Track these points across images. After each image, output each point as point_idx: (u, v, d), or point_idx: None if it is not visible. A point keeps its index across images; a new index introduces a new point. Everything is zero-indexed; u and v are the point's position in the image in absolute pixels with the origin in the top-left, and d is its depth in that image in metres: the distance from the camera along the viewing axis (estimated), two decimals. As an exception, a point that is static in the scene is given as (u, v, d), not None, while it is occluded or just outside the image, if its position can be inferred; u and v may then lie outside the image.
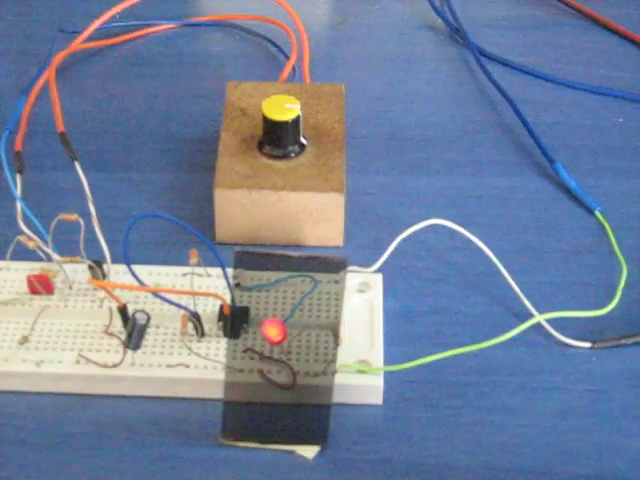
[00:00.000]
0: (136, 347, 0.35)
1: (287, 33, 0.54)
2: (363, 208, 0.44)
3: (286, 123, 0.42)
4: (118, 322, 0.37)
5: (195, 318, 0.36)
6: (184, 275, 0.39)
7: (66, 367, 0.36)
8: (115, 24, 0.56)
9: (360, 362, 0.36)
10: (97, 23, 0.54)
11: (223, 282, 0.35)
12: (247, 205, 0.41)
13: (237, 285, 0.35)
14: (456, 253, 0.42)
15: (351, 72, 0.54)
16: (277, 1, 0.55)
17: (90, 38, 0.54)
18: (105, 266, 0.38)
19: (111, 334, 0.37)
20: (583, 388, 0.37)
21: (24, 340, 0.37)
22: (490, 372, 0.37)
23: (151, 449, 0.34)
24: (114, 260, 0.38)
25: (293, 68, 0.53)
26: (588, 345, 0.38)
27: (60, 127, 0.44)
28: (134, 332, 0.35)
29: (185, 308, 0.36)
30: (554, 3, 0.60)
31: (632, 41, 0.57)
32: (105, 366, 0.36)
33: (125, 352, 0.35)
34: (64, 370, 0.36)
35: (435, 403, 0.36)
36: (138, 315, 0.35)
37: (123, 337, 0.36)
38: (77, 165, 0.41)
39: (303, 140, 0.43)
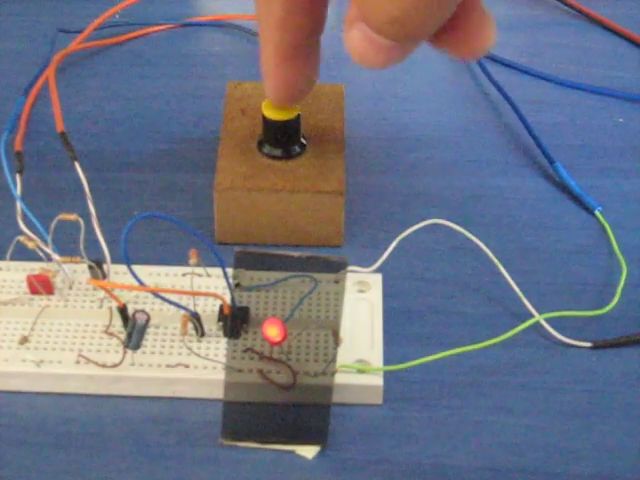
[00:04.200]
0: (136, 347, 0.35)
1: (287, 33, 0.54)
2: (363, 208, 0.44)
3: (286, 123, 0.42)
4: (118, 322, 0.37)
5: (195, 318, 0.36)
6: (184, 275, 0.39)
7: (66, 367, 0.36)
8: (115, 24, 0.56)
9: (360, 362, 0.36)
10: (97, 23, 0.54)
11: (223, 282, 0.35)
12: (247, 205, 0.41)
13: (237, 285, 0.35)
14: (456, 253, 0.42)
15: (351, 72, 0.54)
16: (277, 1, 0.55)
17: (90, 38, 0.54)
18: (105, 266, 0.38)
19: (111, 334, 0.37)
20: (583, 388, 0.37)
21: (24, 340, 0.37)
22: (490, 372, 0.37)
23: (151, 449, 0.34)
24: (114, 260, 0.38)
25: (293, 68, 0.53)
26: (588, 345, 0.38)
27: (60, 127, 0.44)
28: (134, 332, 0.35)
29: (185, 308, 0.36)
30: (554, 3, 0.60)
31: (632, 41, 0.57)
32: (105, 366, 0.36)
33: (125, 352, 0.35)
34: (64, 370, 0.36)
35: (435, 403, 0.36)
36: (138, 315, 0.35)
37: (123, 337, 0.36)
38: (77, 165, 0.41)
39: (303, 140, 0.43)
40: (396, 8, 0.27)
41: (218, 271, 0.35)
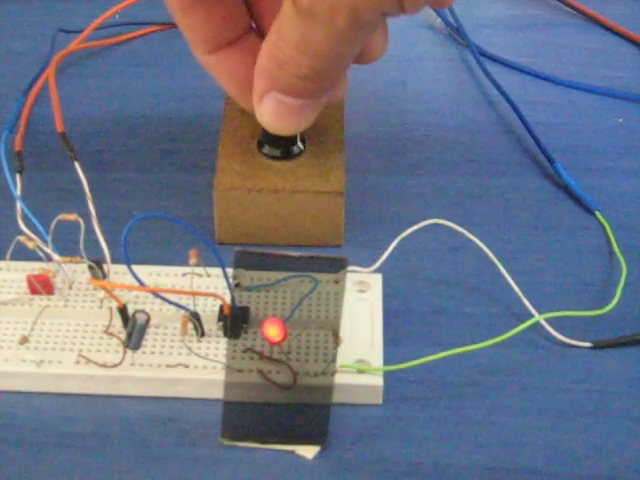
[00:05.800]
0: (136, 347, 0.35)
1: (287, 33, 0.54)
2: (363, 208, 0.44)
3: (286, 123, 0.42)
4: (118, 322, 0.37)
5: (195, 318, 0.36)
6: (184, 275, 0.39)
7: (66, 367, 0.36)
8: (115, 24, 0.56)
9: (360, 362, 0.36)
10: (97, 23, 0.54)
11: (223, 282, 0.35)
12: (247, 205, 0.41)
13: (237, 285, 0.35)
14: (456, 253, 0.42)
15: (351, 72, 0.54)
16: (277, 1, 0.55)
17: (90, 38, 0.54)
18: (105, 266, 0.38)
19: (111, 334, 0.37)
20: (583, 388, 0.37)
21: (24, 340, 0.37)
22: (490, 372, 0.37)
23: (151, 449, 0.34)
24: (114, 260, 0.38)
25: (293, 68, 0.52)
26: (588, 345, 0.38)
27: (60, 127, 0.44)
28: (134, 332, 0.35)
29: (185, 308, 0.36)
30: (554, 3, 0.60)
31: (632, 41, 0.57)
32: (105, 366, 0.36)
33: (125, 352, 0.35)
34: (64, 370, 0.36)
35: (435, 403, 0.36)
36: (138, 315, 0.35)
37: (123, 337, 0.36)
38: (77, 165, 0.41)
39: (303, 140, 0.43)
40: (307, 65, 0.30)
41: (218, 271, 0.35)
